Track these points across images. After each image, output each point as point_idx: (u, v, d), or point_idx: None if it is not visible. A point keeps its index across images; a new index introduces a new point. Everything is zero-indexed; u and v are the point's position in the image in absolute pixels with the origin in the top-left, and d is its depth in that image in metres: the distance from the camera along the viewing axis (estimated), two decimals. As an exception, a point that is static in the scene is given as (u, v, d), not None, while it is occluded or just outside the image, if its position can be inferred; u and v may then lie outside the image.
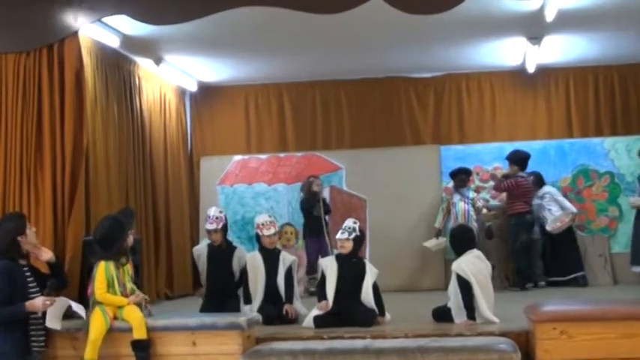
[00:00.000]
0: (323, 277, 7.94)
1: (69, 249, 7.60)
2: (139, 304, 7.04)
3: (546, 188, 11.72)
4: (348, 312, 7.70)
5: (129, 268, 7.13)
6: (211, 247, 8.57)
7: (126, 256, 7.10)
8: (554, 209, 11.58)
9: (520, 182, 11.44)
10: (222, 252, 8.52)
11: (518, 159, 11.58)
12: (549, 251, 11.64)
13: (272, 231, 8.43)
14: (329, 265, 7.94)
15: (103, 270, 6.94)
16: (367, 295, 7.83)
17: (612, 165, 12.21)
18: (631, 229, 11.33)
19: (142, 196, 11.23)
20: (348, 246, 7.91)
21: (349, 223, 7.98)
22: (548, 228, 11.47)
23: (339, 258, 7.98)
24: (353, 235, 7.90)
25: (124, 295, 7.00)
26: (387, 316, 7.96)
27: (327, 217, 11.50)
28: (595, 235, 12.04)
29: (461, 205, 11.75)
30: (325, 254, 11.06)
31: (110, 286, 6.96)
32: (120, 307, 6.94)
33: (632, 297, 9.55)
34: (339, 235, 7.94)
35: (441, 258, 11.95)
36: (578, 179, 12.25)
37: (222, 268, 8.48)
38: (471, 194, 11.85)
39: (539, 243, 11.66)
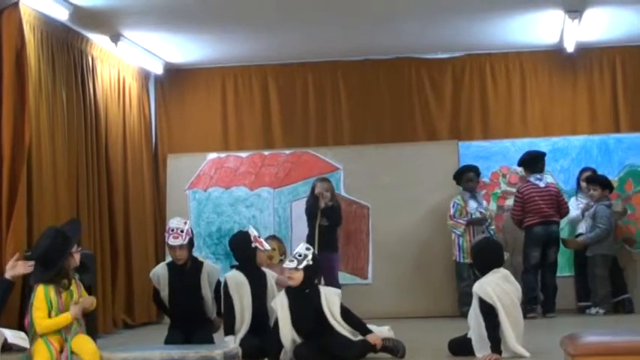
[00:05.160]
0: (277, 320, 8.01)
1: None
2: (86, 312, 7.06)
3: None
4: (328, 348, 7.80)
5: (74, 291, 7.11)
6: (173, 267, 8.59)
7: (68, 278, 7.08)
8: None
9: (524, 190, 11.66)
10: (186, 271, 8.55)
11: (525, 160, 11.88)
12: (581, 271, 11.87)
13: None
14: (279, 304, 8.01)
15: (41, 295, 6.91)
16: (338, 325, 7.91)
17: (668, 166, 12.30)
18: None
19: (97, 202, 11.23)
20: (298, 277, 7.93)
21: (301, 249, 8.03)
22: None
23: (289, 292, 8.03)
24: (303, 265, 7.92)
25: (69, 328, 6.98)
26: (383, 328, 8.09)
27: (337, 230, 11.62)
28: (647, 251, 12.13)
29: (477, 216, 11.79)
30: (327, 274, 11.12)
31: (50, 315, 6.94)
32: (65, 336, 6.93)
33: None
34: (286, 264, 7.99)
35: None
36: (627, 183, 12.30)
37: (189, 291, 8.51)
38: (484, 203, 11.93)
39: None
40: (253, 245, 8.49)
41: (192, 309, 8.51)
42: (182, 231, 8.46)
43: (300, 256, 7.93)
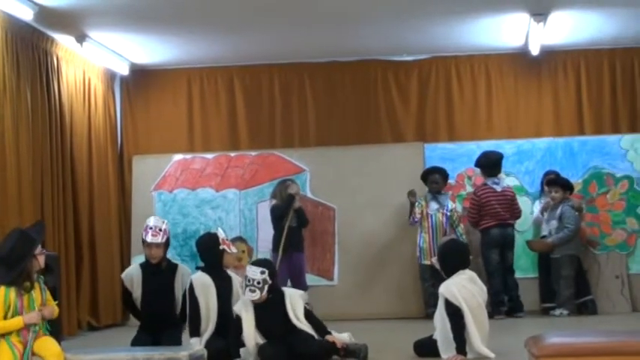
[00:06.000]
0: (238, 322, 8.00)
1: (-30, 268, 7.56)
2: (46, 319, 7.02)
3: None
4: (291, 345, 7.83)
5: (37, 295, 7.06)
6: (147, 267, 8.56)
7: (30, 280, 7.03)
8: None
9: (482, 193, 11.78)
10: (161, 271, 8.54)
11: (482, 163, 12.01)
12: (545, 272, 11.91)
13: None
14: (243, 308, 8.01)
15: (1, 297, 6.87)
16: (301, 325, 7.95)
17: (631, 168, 12.39)
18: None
19: (61, 203, 11.18)
20: (264, 297, 7.95)
21: (256, 275, 7.92)
22: None
23: None
24: (266, 289, 7.92)
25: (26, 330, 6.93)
26: (342, 335, 8.09)
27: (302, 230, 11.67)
28: (610, 253, 12.21)
29: (438, 218, 11.82)
30: (296, 274, 11.12)
31: (8, 317, 6.89)
32: (22, 338, 6.88)
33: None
34: (248, 294, 7.91)
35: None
36: (591, 185, 12.39)
37: (162, 291, 8.49)
38: (450, 204, 11.96)
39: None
40: (221, 247, 8.47)
41: (164, 310, 8.49)
42: (160, 230, 8.50)
43: (259, 283, 7.89)
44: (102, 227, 12.29)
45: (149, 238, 8.46)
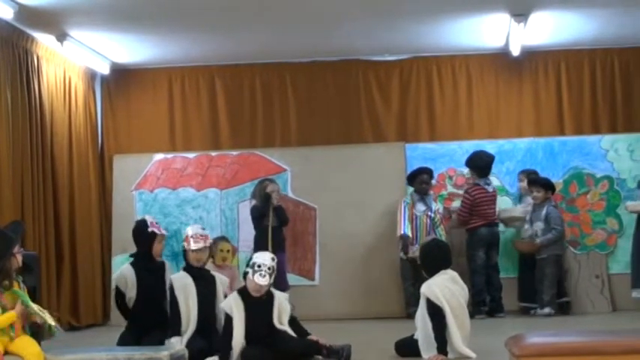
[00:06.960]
0: (228, 322, 7.94)
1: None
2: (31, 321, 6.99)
3: None
4: (272, 345, 7.82)
5: (18, 293, 7.03)
6: (141, 265, 8.55)
7: (9, 278, 7.00)
8: None
9: (476, 193, 11.83)
10: (155, 269, 8.57)
11: (476, 165, 12.04)
12: (528, 272, 11.93)
13: (200, 245, 8.45)
14: (234, 306, 7.96)
15: (-19, 295, 6.86)
16: (282, 327, 7.94)
17: (611, 168, 12.43)
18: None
19: (42, 203, 11.14)
20: (270, 284, 7.95)
21: (267, 260, 7.91)
22: None
23: (244, 296, 7.98)
24: (273, 276, 7.93)
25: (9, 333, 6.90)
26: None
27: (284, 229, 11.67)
28: (590, 253, 12.26)
29: (423, 220, 11.83)
30: (280, 274, 11.13)
31: None
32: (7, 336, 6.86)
33: (635, 327, 9.71)
34: (258, 279, 7.85)
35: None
36: (571, 185, 12.43)
37: (156, 289, 8.50)
38: (434, 206, 11.96)
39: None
40: (150, 230, 8.49)
41: (160, 307, 8.48)
42: (158, 224, 8.68)
43: (269, 269, 7.88)
44: (82, 227, 12.25)
45: (159, 232, 8.59)
